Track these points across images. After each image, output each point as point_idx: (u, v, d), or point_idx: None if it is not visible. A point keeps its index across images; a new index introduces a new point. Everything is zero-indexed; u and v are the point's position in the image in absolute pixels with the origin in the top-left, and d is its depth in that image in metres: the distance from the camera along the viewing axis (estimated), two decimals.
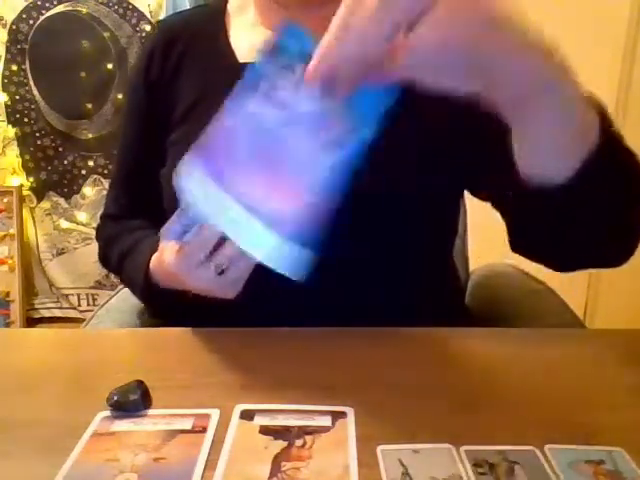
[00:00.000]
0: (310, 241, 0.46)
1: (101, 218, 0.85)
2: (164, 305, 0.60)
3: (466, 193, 0.81)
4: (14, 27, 2.05)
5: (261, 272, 0.55)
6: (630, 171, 0.52)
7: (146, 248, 0.67)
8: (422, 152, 0.66)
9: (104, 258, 0.82)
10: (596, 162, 0.46)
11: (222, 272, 0.53)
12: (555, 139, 0.46)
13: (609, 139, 0.47)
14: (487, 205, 0.77)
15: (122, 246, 0.75)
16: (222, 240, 0.52)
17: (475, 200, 0.79)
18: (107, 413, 0.48)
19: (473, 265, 1.03)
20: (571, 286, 0.62)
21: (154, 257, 0.65)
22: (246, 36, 0.74)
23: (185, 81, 0.74)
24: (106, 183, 2.17)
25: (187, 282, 0.56)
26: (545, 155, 0.47)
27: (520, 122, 0.45)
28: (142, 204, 0.79)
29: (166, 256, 0.58)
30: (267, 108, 0.43)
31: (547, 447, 0.43)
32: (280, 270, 0.46)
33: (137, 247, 0.72)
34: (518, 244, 0.61)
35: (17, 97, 2.11)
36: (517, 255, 0.63)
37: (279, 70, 0.43)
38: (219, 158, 0.46)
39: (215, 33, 0.75)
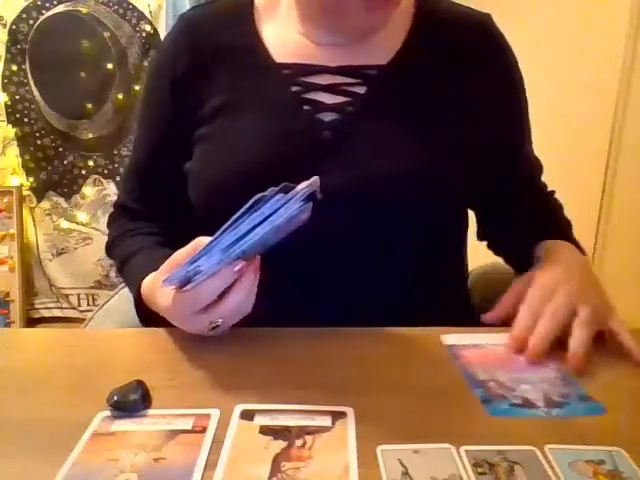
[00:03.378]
0: None
1: (114, 206, 0.83)
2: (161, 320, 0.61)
3: None
4: (14, 27, 2.05)
5: (262, 272, 0.55)
6: None
7: (139, 274, 0.67)
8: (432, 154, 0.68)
9: (110, 256, 0.82)
10: None
11: (216, 326, 0.56)
12: None
13: None
14: None
15: (122, 253, 0.76)
16: (219, 297, 0.54)
17: None
18: (107, 413, 0.48)
19: (472, 265, 1.03)
20: None
21: (146, 286, 0.65)
22: (281, 37, 0.73)
23: (217, 76, 0.72)
24: (106, 183, 2.16)
25: (179, 326, 0.59)
26: None
27: None
28: (155, 198, 0.78)
29: (160, 300, 0.59)
30: None
31: (547, 447, 0.43)
32: None
33: (132, 263, 0.72)
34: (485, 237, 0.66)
35: (17, 97, 2.11)
36: None
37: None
38: None
39: (245, 28, 0.73)
